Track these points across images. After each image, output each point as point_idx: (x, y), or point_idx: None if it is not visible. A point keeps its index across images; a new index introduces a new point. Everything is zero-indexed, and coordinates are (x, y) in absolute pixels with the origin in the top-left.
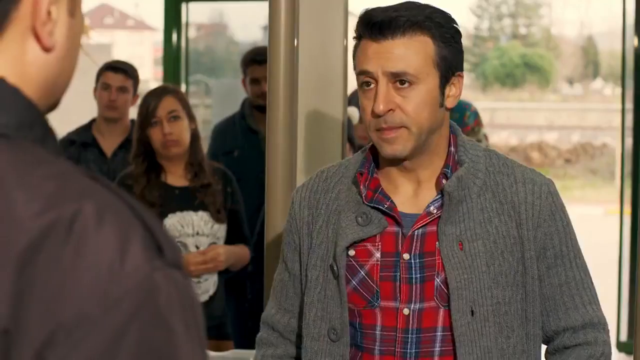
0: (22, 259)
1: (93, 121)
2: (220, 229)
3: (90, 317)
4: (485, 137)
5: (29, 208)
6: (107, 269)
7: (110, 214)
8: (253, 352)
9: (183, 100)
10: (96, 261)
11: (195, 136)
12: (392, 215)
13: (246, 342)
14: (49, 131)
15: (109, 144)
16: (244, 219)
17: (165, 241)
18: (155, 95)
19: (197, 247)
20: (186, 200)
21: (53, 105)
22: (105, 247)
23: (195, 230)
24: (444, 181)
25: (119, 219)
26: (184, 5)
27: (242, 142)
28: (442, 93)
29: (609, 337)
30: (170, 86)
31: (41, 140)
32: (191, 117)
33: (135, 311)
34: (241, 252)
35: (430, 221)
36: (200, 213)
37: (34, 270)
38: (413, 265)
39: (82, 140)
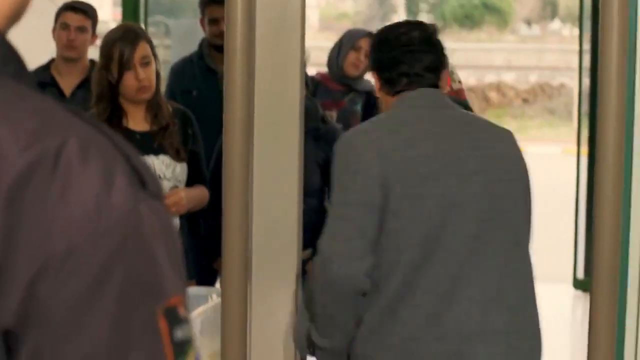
0: (9, 194)
1: (52, 61)
2: (182, 173)
3: (79, 250)
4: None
5: (14, 144)
6: (93, 202)
7: (93, 148)
8: (211, 288)
9: (151, 43)
10: (83, 195)
11: (157, 78)
12: None
13: (200, 279)
14: (23, 66)
15: (67, 83)
16: (203, 160)
17: (147, 173)
18: (129, 40)
19: None
20: (147, 144)
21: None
22: (91, 181)
23: (157, 174)
24: None
25: (102, 153)
26: None
27: (201, 81)
28: None
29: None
30: (137, 28)
31: (17, 76)
32: (157, 60)
33: (122, 242)
34: (201, 194)
35: None
36: (162, 157)
37: (22, 206)
38: None
39: (41, 80)
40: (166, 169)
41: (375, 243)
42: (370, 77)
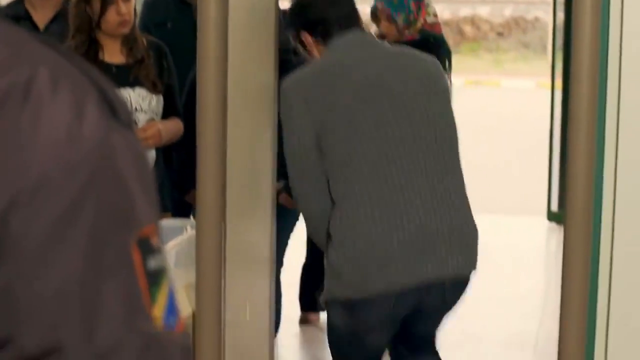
0: None
1: None
2: (158, 105)
3: (51, 181)
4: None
5: None
6: (65, 132)
7: (64, 79)
8: (186, 220)
9: None
10: (54, 126)
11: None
12: None
13: (174, 211)
14: None
15: (41, 17)
16: (177, 93)
17: (118, 103)
18: None
19: (136, 124)
20: (123, 77)
21: None
22: (62, 111)
23: (133, 107)
24: None
25: (73, 84)
26: None
27: (174, 14)
28: None
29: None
30: None
31: None
32: None
33: (95, 172)
34: (176, 127)
35: None
36: (138, 89)
37: None
38: None
39: (15, 14)
40: (142, 101)
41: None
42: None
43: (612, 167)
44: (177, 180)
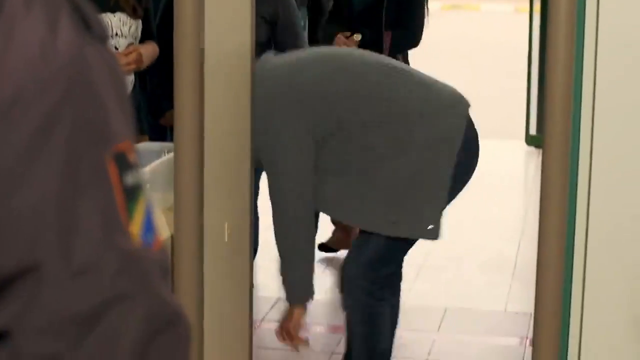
0: None
1: None
2: (138, 30)
3: (25, 96)
4: None
5: None
6: (39, 47)
7: None
8: (164, 143)
9: None
10: (28, 41)
11: None
12: None
13: (149, 135)
14: None
15: None
16: (152, 16)
17: (92, 17)
18: None
19: (117, 49)
20: (104, 1)
21: None
22: (36, 26)
23: (114, 31)
24: None
25: None
26: None
27: None
28: None
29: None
30: None
31: None
32: None
33: (69, 88)
34: (154, 51)
35: None
36: (118, 14)
37: None
38: None
39: None
40: (122, 26)
41: None
42: None
43: (590, 91)
44: (152, 103)
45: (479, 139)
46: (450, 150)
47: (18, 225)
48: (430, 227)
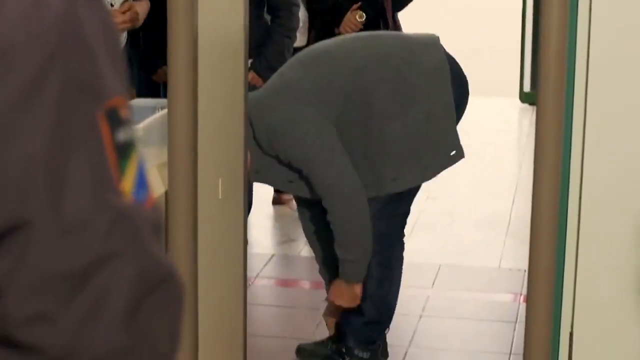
0: None
1: None
2: None
3: (16, 50)
4: None
5: None
6: (31, 1)
7: None
8: (159, 100)
9: None
10: None
11: None
12: None
13: (143, 92)
14: None
15: None
16: None
17: None
18: None
19: (112, 5)
20: None
21: None
22: None
23: None
24: None
25: None
26: None
27: None
28: None
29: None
30: None
31: None
32: None
33: (61, 42)
34: (147, 7)
35: None
36: None
37: None
38: None
39: None
40: None
41: None
42: None
43: (584, 46)
44: (145, 59)
45: (477, 97)
46: (443, 82)
47: (7, 181)
48: (452, 152)
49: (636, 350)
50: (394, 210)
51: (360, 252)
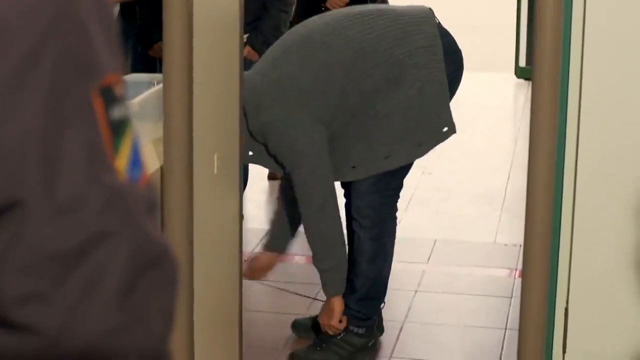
0: None
1: None
2: None
3: (11, 25)
4: None
5: None
6: None
7: None
8: (154, 74)
9: None
10: None
11: None
12: None
13: (138, 67)
14: None
15: None
16: None
17: None
18: None
19: None
20: None
21: None
22: None
23: None
24: None
25: None
26: None
27: None
28: None
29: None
30: None
31: None
32: None
33: (55, 18)
34: None
35: None
36: None
37: None
38: None
39: None
40: None
41: None
42: None
43: (580, 21)
44: (141, 34)
45: (472, 72)
46: (437, 58)
47: (0, 160)
48: (445, 129)
49: (631, 325)
50: (386, 185)
51: (333, 262)
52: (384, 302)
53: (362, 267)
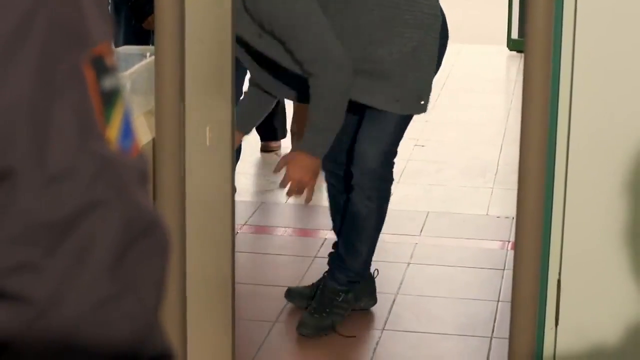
0: None
1: None
2: None
3: None
4: None
5: None
6: None
7: None
8: (146, 47)
9: None
10: None
11: None
12: None
13: (131, 39)
14: None
15: None
16: None
17: None
18: None
19: None
20: None
21: None
22: None
23: None
24: None
25: None
26: None
27: None
28: None
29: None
30: None
31: None
32: None
33: None
34: None
35: None
36: None
37: None
38: None
39: None
40: None
41: None
42: None
43: None
44: (135, 6)
45: (465, 44)
46: (435, 28)
47: None
48: (422, 102)
49: (623, 297)
50: (392, 156)
51: (334, 123)
52: (377, 271)
53: (369, 234)
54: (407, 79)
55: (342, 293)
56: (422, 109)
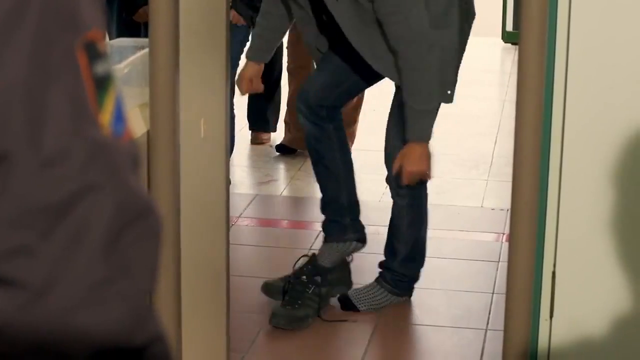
0: None
1: None
2: None
3: None
4: None
5: None
6: None
7: None
8: (140, 39)
9: None
10: None
11: None
12: None
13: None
14: None
15: None
16: None
17: None
18: None
19: None
20: None
21: None
22: None
23: None
24: None
25: None
26: None
27: None
28: None
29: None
30: None
31: None
32: None
33: None
34: None
35: None
36: None
37: None
38: None
39: None
40: None
41: None
42: None
43: None
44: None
45: None
46: (469, 24)
47: None
48: (449, 92)
49: (618, 288)
50: None
51: (431, 103)
52: (352, 257)
53: (402, 231)
54: (445, 71)
55: (313, 285)
56: (449, 99)
